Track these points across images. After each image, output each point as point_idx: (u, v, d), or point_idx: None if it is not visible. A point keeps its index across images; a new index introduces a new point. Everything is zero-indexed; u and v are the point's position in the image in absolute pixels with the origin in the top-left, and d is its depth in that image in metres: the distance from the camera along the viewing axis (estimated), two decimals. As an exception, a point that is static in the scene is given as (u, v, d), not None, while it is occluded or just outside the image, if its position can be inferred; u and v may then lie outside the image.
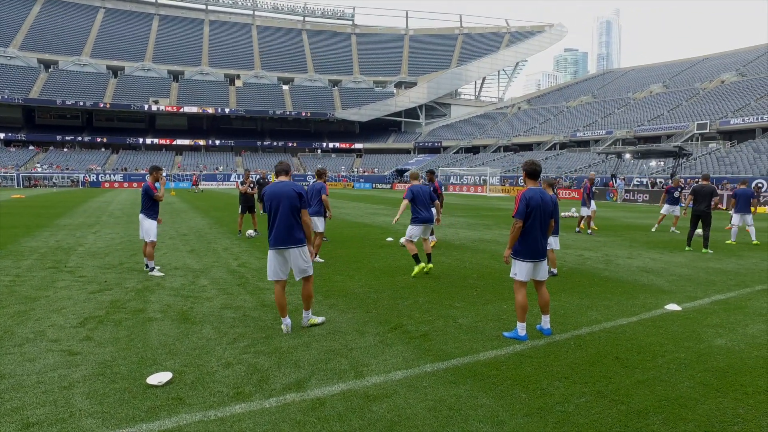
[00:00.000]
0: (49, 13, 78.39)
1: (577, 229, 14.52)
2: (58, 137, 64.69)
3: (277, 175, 5.34)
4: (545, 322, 5.25)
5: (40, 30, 74.11)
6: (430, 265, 8.15)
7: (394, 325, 5.42)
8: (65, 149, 64.76)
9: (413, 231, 8.15)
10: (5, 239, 11.73)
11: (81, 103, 63.89)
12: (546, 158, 53.98)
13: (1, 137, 62.07)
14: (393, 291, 6.99)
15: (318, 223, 9.23)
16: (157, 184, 8.01)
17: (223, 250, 10.62)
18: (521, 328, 5.04)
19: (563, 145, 59.03)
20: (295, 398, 3.67)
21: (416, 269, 7.87)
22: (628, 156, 41.76)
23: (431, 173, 11.35)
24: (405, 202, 8.11)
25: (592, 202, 14.39)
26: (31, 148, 62.84)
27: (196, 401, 3.61)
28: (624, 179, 38.02)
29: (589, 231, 14.42)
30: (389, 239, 12.41)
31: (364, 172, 67.18)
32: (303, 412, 3.47)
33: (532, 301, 5.72)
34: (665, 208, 15.37)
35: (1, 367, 4.19)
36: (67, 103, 63.11)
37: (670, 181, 17.82)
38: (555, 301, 6.35)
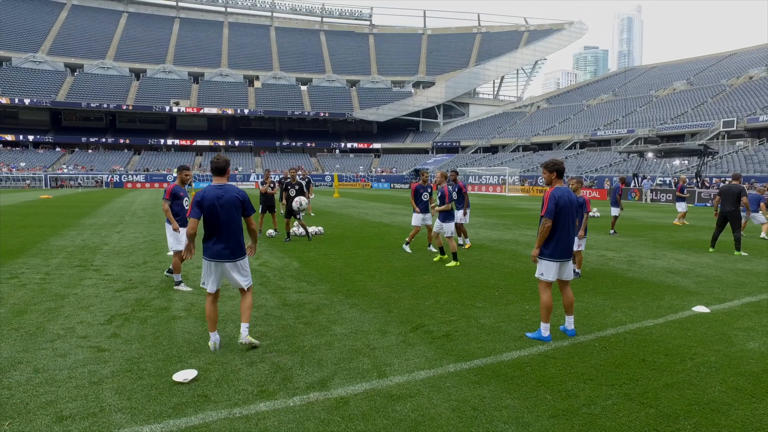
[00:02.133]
0: (75, 18, 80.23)
1: (613, 231, 14.23)
2: (83, 139, 66.16)
3: (214, 174, 4.70)
4: (569, 322, 5.18)
5: (67, 35, 75.88)
6: (455, 263, 8.79)
7: (416, 325, 5.41)
8: (90, 150, 66.19)
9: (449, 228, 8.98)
10: (35, 238, 12.04)
11: (105, 105, 65.21)
12: (566, 157, 53.31)
13: (30, 139, 63.74)
14: (414, 291, 6.98)
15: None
16: (187, 187, 7.40)
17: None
18: (545, 329, 4.99)
19: (583, 145, 58.23)
20: (319, 397, 3.69)
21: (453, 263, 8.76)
22: (650, 155, 40.98)
23: (455, 173, 11.33)
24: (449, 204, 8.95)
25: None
26: (57, 149, 64.40)
27: (221, 399, 3.65)
28: (649, 178, 37.30)
29: (612, 231, 14.22)
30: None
31: (383, 172, 67.21)
32: (327, 411, 3.48)
33: (555, 302, 5.65)
34: (679, 205, 17.15)
35: (35, 362, 4.30)
36: (92, 105, 64.48)
37: (678, 179, 20.01)
38: (578, 302, 6.26)
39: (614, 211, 14.30)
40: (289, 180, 12.25)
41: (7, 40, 70.42)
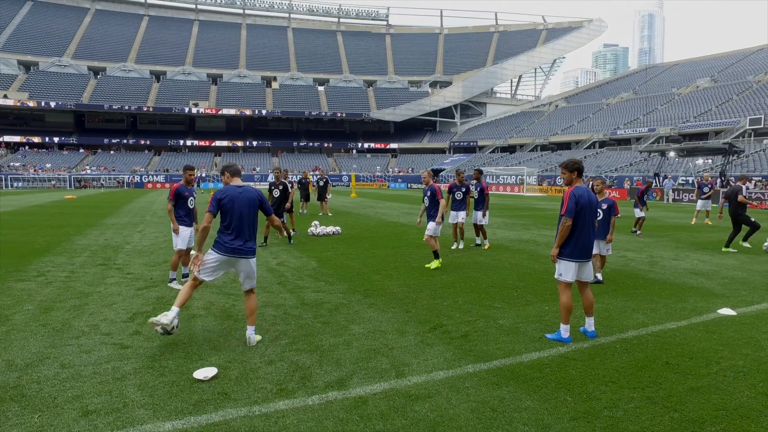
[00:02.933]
0: (98, 23, 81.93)
1: (638, 232, 13.86)
2: (105, 140, 67.50)
3: (232, 176, 4.87)
4: (589, 324, 5.11)
5: (91, 39, 77.53)
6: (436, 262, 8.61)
7: (434, 325, 5.39)
8: (111, 151, 67.51)
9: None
10: (60, 238, 12.31)
11: (126, 107, 66.44)
12: (585, 157, 52.61)
13: (56, 141, 65.30)
14: (432, 291, 6.96)
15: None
16: (192, 189, 7.17)
17: (262, 249, 10.81)
18: (564, 330, 4.93)
19: (603, 144, 57.40)
20: (338, 396, 3.70)
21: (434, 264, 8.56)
22: (672, 154, 40.22)
23: (479, 172, 11.33)
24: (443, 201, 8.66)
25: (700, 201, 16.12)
26: (81, 151, 65.82)
27: (240, 396, 3.68)
28: (670, 178, 36.58)
29: (636, 231, 13.91)
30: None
31: (399, 172, 67.18)
32: (345, 410, 3.49)
33: (575, 303, 5.58)
34: (699, 204, 16.97)
35: (62, 358, 4.40)
36: (114, 107, 65.75)
37: (701, 177, 19.72)
38: (598, 304, 6.17)
39: (639, 212, 14.00)
40: (273, 180, 11.64)
41: (36, 45, 72.33)
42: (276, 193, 11.51)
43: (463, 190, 10.64)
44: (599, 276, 7.56)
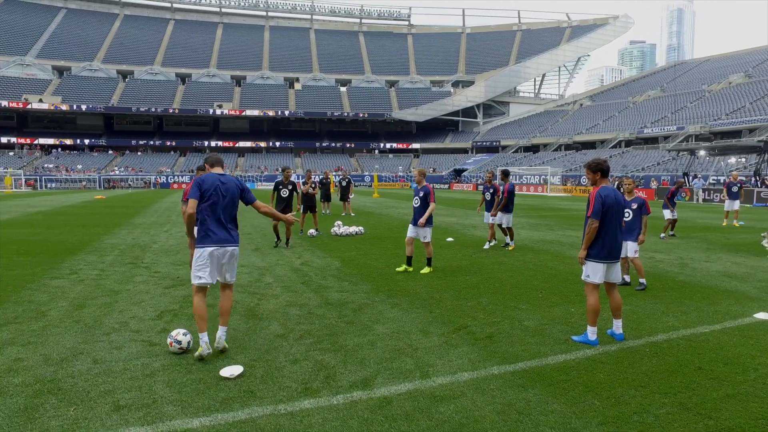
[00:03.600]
0: (127, 27, 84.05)
1: (662, 235, 13.19)
2: (133, 142, 69.12)
3: (212, 166, 4.79)
4: (617, 326, 5.01)
5: (119, 44, 79.57)
6: (427, 269, 8.26)
7: (459, 326, 5.35)
8: (139, 153, 69.09)
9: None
10: (91, 237, 12.65)
11: (153, 110, 67.93)
12: (610, 156, 51.61)
13: (86, 143, 67.19)
14: (455, 291, 6.92)
15: None
16: None
17: (287, 249, 10.91)
18: (592, 332, 4.84)
19: (629, 143, 56.23)
20: (362, 396, 3.70)
21: (402, 268, 8.32)
22: (702, 153, 39.12)
23: (505, 174, 10.89)
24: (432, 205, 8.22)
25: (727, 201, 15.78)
26: (110, 152, 67.59)
27: (266, 395, 3.72)
28: (701, 177, 35.61)
29: (663, 235, 13.24)
30: (450, 239, 12.30)
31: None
32: (370, 410, 3.49)
33: (602, 305, 5.48)
34: (727, 204, 16.42)
35: (94, 353, 4.53)
36: (141, 109, 67.31)
37: (730, 177, 18.86)
38: (626, 306, 6.04)
39: (668, 214, 13.49)
40: (281, 179, 11.12)
41: (68, 51, 74.65)
42: (284, 192, 10.96)
43: (491, 190, 10.88)
44: (626, 278, 7.39)
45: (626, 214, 7.04)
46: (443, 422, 3.33)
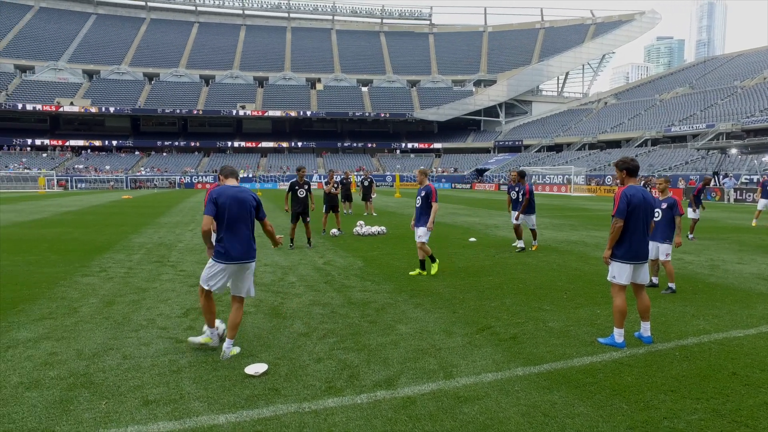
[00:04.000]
0: (153, 31, 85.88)
1: (691, 235, 12.63)
2: (158, 143, 70.54)
3: (227, 177, 4.69)
4: (645, 329, 4.90)
5: (146, 47, 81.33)
6: (420, 271, 8.06)
7: (482, 327, 5.31)
8: (164, 153, 70.51)
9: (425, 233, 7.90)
10: (119, 236, 12.96)
11: (178, 111, 69.24)
12: (636, 155, 50.48)
13: (114, 144, 68.92)
14: (479, 292, 6.87)
15: None
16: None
17: (308, 249, 10.99)
18: (618, 335, 4.75)
19: (655, 142, 54.94)
20: (386, 395, 3.71)
21: (416, 271, 8.08)
22: (734, 151, 38.04)
23: (521, 175, 10.73)
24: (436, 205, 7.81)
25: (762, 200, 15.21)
26: (136, 153, 69.14)
27: (290, 393, 3.75)
28: (732, 177, 34.58)
29: (692, 236, 12.67)
30: (472, 239, 12.22)
31: (443, 171, 66.74)
32: (394, 410, 3.49)
33: (630, 307, 5.36)
34: (761, 203, 15.84)
35: (123, 349, 4.65)
36: (166, 111, 68.69)
37: (765, 175, 18.14)
38: (655, 308, 5.90)
39: (692, 214, 13.05)
40: (296, 180, 10.94)
41: (97, 55, 76.69)
42: (301, 193, 10.83)
43: (516, 189, 10.81)
44: (655, 279, 7.21)
45: (656, 214, 6.76)
46: (467, 423, 3.30)
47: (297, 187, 10.87)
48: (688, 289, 7.09)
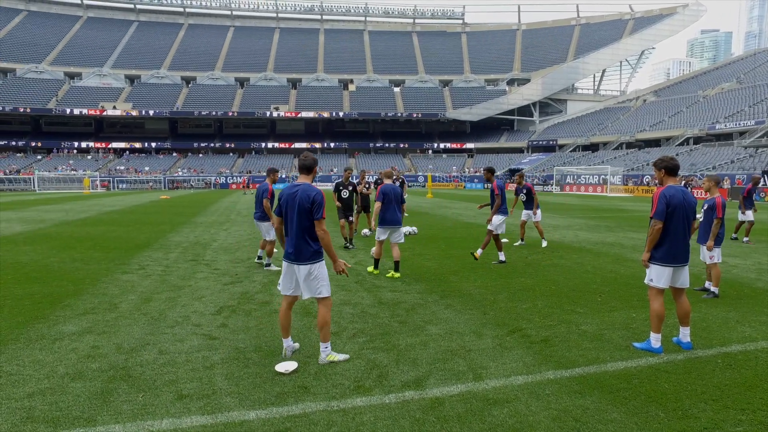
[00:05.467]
0: (190, 36, 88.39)
1: (745, 238, 12.14)
2: (195, 144, 72.49)
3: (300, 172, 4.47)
4: (684, 334, 4.72)
5: (183, 51, 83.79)
6: (396, 274, 7.85)
7: (513, 329, 5.23)
8: (200, 155, 72.37)
9: (379, 232, 8.10)
10: (157, 235, 13.38)
11: (213, 113, 70.94)
12: (677, 154, 48.74)
13: (153, 146, 71.27)
14: (510, 293, 6.77)
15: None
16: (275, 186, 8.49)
17: (339, 248, 11.07)
18: (655, 340, 4.60)
19: (698, 140, 52.87)
20: (414, 396, 3.70)
21: (370, 269, 8.22)
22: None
23: (490, 171, 9.64)
24: (378, 204, 7.97)
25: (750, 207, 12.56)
26: (174, 154, 71.23)
27: (319, 391, 3.79)
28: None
29: (746, 239, 12.11)
30: (504, 240, 12.03)
31: (476, 172, 66.08)
32: (422, 411, 3.48)
33: (668, 311, 5.18)
34: None
35: (159, 344, 4.80)
36: (203, 113, 70.49)
37: None
38: (695, 313, 5.68)
39: (743, 216, 12.36)
40: (341, 180, 11.18)
41: (139, 60, 79.49)
42: (344, 193, 11.00)
43: (525, 191, 11.38)
44: (708, 285, 6.77)
45: (700, 216, 6.51)
46: (496, 426, 3.26)
47: (341, 188, 11.06)
48: (732, 294, 6.80)
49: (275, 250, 8.83)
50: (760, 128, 46.56)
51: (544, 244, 11.12)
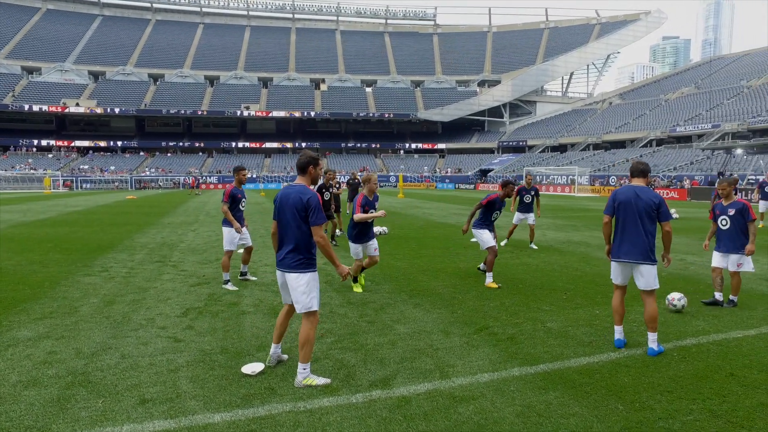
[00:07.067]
0: (158, 32, 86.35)
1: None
2: (163, 143, 70.87)
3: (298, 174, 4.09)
4: (651, 340, 4.56)
5: (151, 48, 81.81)
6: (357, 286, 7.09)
7: (480, 327, 5.31)
8: (168, 154, 70.80)
9: (356, 250, 7.07)
10: (122, 236, 13.03)
11: (182, 112, 69.54)
12: (641, 156, 50.33)
13: (119, 145, 69.30)
14: (478, 292, 6.86)
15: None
16: (243, 187, 7.29)
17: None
18: (617, 332, 4.77)
19: (660, 142, 54.71)
20: (381, 395, 3.71)
21: (357, 288, 7.00)
22: (739, 151, 37.84)
23: (507, 184, 8.06)
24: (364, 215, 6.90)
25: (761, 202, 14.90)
26: (141, 153, 69.48)
27: (286, 392, 3.76)
28: (737, 177, 34.33)
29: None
30: (474, 240, 12.19)
31: (447, 172, 66.68)
32: (389, 410, 3.49)
33: (630, 308, 5.33)
34: (762, 205, 15.69)
35: (122, 348, 4.67)
36: (171, 112, 68.99)
37: (765, 176, 18.24)
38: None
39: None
40: (322, 183, 10.96)
41: (103, 56, 77.22)
42: (327, 196, 11.21)
43: (533, 192, 11.19)
44: (718, 295, 6.28)
45: (723, 222, 6.15)
46: (462, 423, 3.31)
47: (323, 191, 11.16)
48: (688, 289, 7.05)
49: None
50: (716, 131, 48.54)
51: (534, 246, 11.07)
